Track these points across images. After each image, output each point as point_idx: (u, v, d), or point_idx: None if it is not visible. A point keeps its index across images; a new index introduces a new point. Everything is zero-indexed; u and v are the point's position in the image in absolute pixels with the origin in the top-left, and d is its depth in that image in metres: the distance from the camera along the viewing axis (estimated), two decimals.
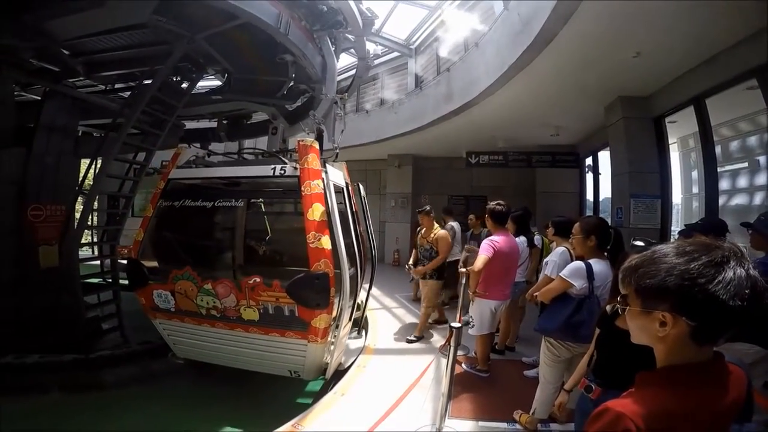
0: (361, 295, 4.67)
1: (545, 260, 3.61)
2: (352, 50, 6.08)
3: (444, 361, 4.08)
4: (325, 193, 3.51)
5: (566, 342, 2.62)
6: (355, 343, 4.76)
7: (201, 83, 6.17)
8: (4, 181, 4.26)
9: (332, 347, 3.66)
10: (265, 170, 3.66)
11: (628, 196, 5.67)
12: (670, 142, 5.80)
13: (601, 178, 8.29)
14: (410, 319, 5.95)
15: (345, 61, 9.09)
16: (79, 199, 5.04)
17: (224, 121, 7.06)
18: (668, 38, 4.02)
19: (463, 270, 4.12)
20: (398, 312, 6.31)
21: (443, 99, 7.74)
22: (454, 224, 6.56)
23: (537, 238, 4.74)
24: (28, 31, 3.58)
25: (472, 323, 3.68)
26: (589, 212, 8.71)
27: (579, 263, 2.53)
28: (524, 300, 3.77)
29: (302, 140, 3.66)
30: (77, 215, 4.68)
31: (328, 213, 3.44)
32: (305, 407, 3.34)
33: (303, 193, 3.42)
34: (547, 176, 9.46)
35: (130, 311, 5.08)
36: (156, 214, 3.94)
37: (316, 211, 3.33)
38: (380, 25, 9.13)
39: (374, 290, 6.66)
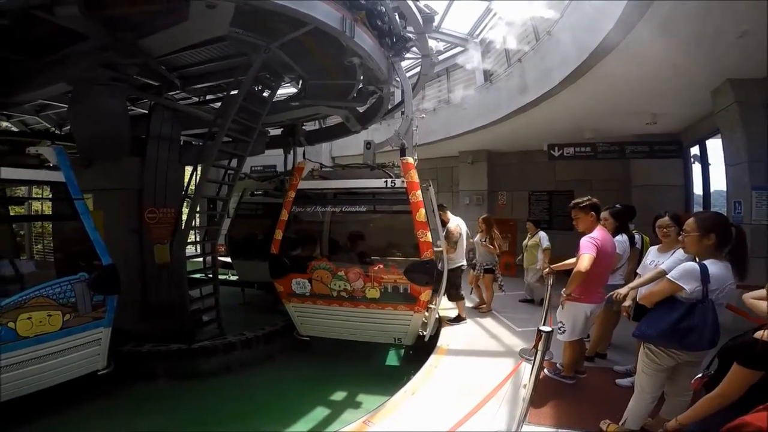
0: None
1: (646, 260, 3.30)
2: (415, 48, 6.08)
3: (524, 364, 3.90)
4: (425, 200, 4.48)
5: (670, 349, 2.34)
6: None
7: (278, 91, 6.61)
8: (127, 188, 4.98)
9: (428, 316, 4.58)
10: (378, 183, 4.58)
11: (749, 188, 4.97)
12: None
13: (711, 169, 7.39)
14: (482, 318, 5.79)
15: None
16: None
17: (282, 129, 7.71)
18: None
19: (547, 270, 3.88)
20: (471, 312, 6.11)
21: (517, 91, 7.40)
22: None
23: (637, 237, 4.25)
24: (129, 49, 4.11)
25: (562, 328, 3.45)
26: (697, 207, 7.76)
27: (692, 264, 2.23)
28: (620, 305, 3.43)
29: (404, 159, 4.59)
30: (184, 217, 5.31)
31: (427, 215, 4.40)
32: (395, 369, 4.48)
33: (411, 201, 4.34)
34: (645, 168, 8.50)
35: (225, 306, 5.66)
36: (290, 218, 4.80)
37: (421, 214, 4.29)
38: (439, 21, 8.95)
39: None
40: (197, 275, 5.75)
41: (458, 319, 5.58)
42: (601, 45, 4.68)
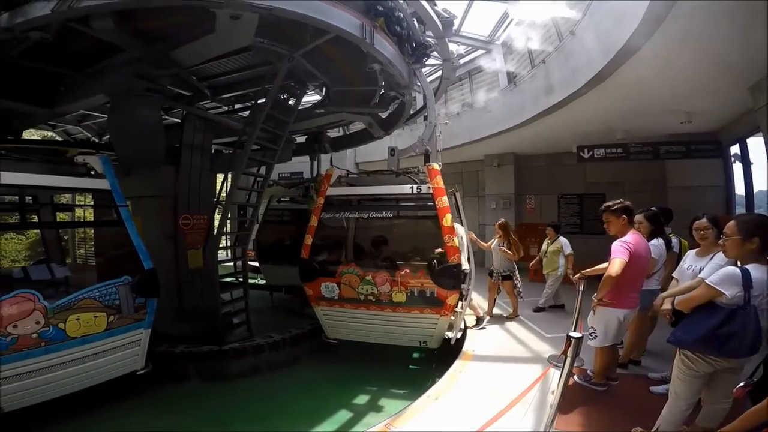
0: None
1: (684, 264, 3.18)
2: (435, 53, 6.07)
3: (552, 371, 3.81)
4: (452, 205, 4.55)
5: (708, 355, 2.25)
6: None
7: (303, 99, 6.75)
8: (164, 195, 5.21)
9: (454, 320, 4.57)
10: (405, 189, 4.66)
11: None
12: None
13: (754, 169, 6.95)
14: (509, 324, 5.69)
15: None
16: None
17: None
18: None
19: (579, 276, 3.79)
20: (498, 318, 6.01)
21: (542, 92, 7.25)
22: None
23: (674, 241, 4.08)
24: (161, 60, 4.31)
25: (593, 334, 3.36)
26: (740, 209, 7.37)
27: (732, 269, 2.15)
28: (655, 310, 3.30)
29: (429, 165, 4.64)
30: (215, 223, 5.50)
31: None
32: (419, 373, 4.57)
33: (437, 206, 4.39)
34: (682, 169, 8.16)
35: (254, 309, 5.78)
36: (319, 224, 4.91)
37: (448, 219, 4.36)
38: (459, 25, 8.90)
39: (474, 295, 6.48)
40: (228, 279, 5.93)
41: (480, 321, 5.54)
42: (626, 45, 4.55)
